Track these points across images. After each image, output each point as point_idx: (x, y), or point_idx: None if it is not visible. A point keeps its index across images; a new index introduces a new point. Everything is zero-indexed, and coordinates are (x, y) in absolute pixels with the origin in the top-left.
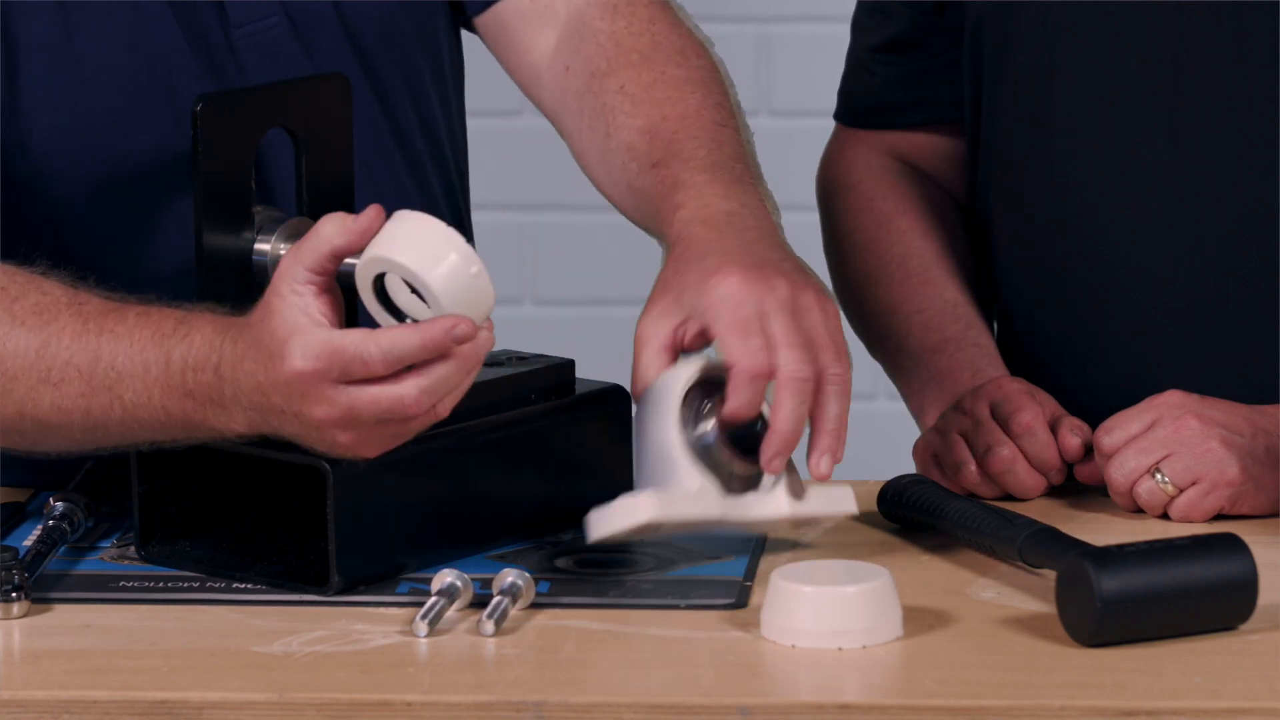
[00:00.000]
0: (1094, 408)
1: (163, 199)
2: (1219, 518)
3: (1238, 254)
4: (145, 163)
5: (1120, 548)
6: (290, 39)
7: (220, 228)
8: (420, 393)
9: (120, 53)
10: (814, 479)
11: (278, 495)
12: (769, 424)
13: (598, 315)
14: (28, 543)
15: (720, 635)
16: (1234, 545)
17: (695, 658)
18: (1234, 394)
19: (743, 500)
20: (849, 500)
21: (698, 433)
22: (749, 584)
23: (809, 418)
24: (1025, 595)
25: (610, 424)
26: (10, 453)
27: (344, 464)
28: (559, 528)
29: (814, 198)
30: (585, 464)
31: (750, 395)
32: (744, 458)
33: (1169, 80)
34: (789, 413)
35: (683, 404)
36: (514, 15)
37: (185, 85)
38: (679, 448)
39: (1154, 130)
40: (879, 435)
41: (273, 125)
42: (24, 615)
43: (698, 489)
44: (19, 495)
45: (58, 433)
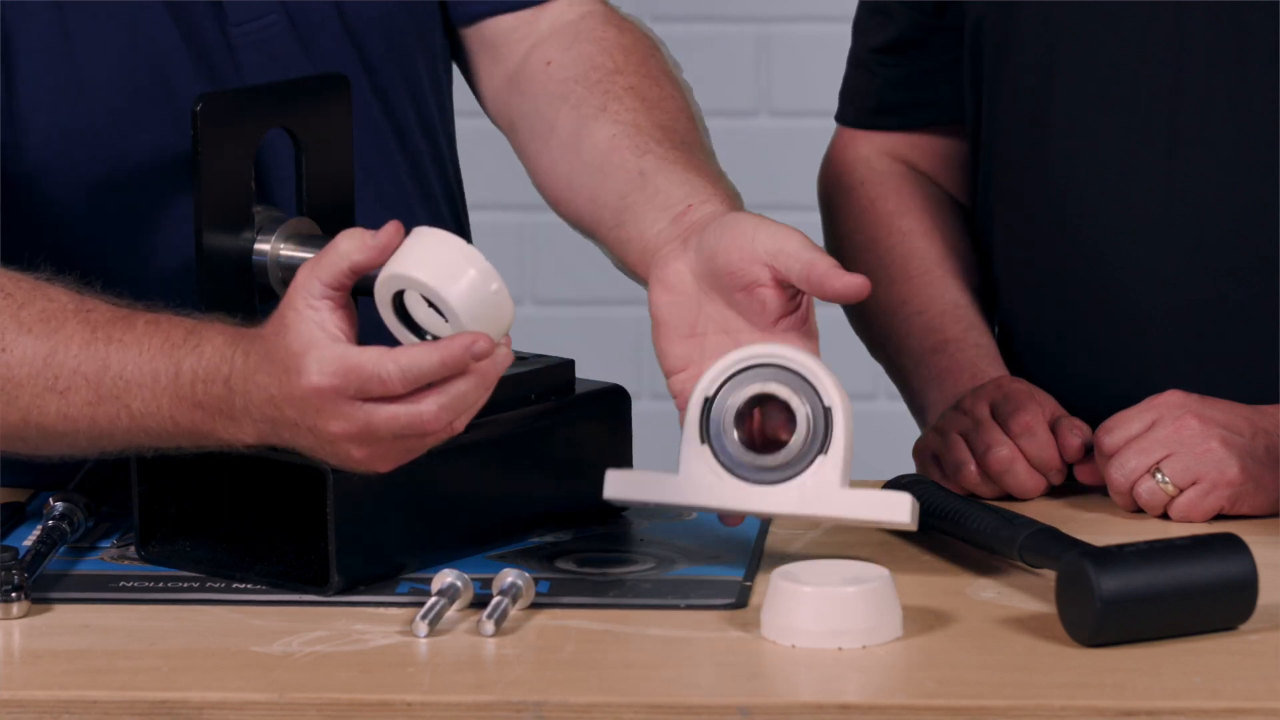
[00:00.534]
0: (1094, 408)
1: (162, 199)
2: (1219, 518)
3: (1238, 254)
4: (144, 163)
5: (1120, 548)
6: (289, 38)
7: (220, 228)
8: (439, 409)
9: (117, 53)
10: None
11: (278, 495)
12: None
13: (598, 315)
14: (28, 543)
15: (720, 635)
16: (1234, 545)
17: (695, 658)
18: (1234, 394)
19: (777, 493)
20: (904, 509)
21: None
22: (749, 584)
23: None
24: (1025, 595)
25: (610, 424)
26: (10, 456)
27: None
28: (559, 528)
29: (814, 198)
30: (585, 464)
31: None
32: (773, 447)
33: (1169, 80)
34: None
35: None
36: (494, 31)
37: (183, 85)
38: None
39: (1154, 130)
40: (879, 435)
41: (273, 125)
42: (24, 615)
43: (719, 478)
44: (19, 495)
45: (62, 440)
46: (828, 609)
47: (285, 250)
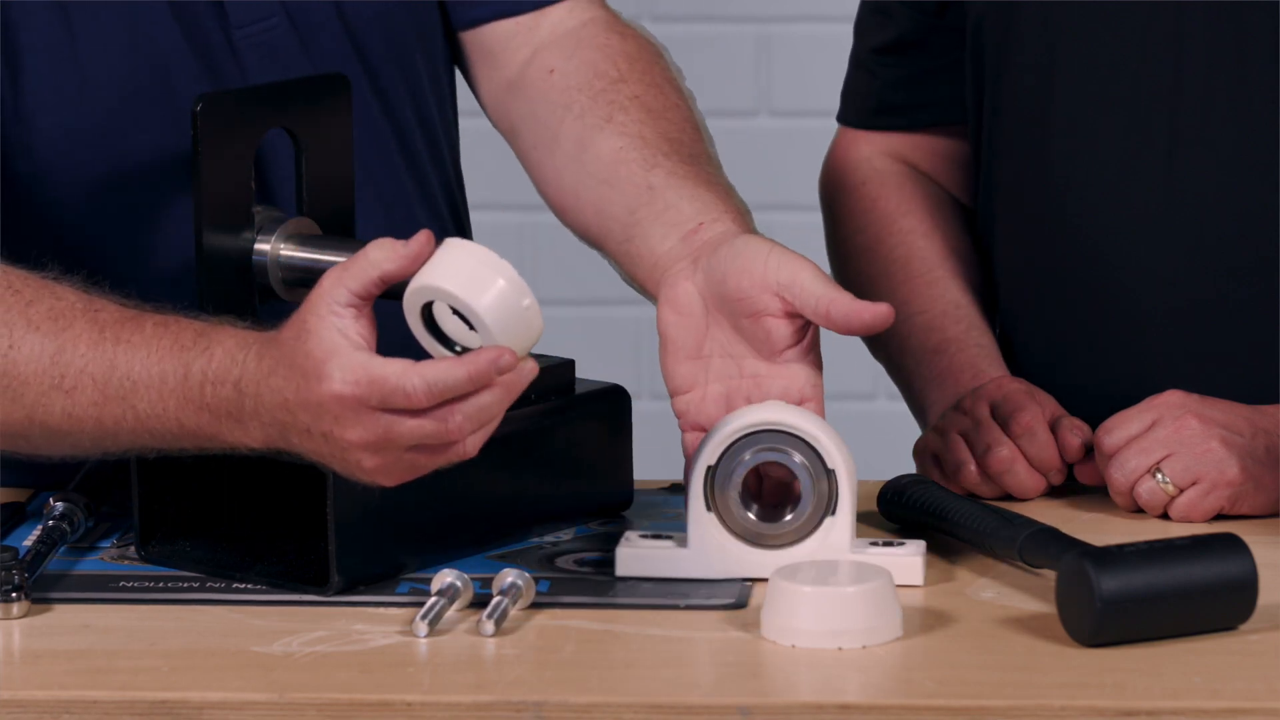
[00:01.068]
0: (1094, 408)
1: (163, 199)
2: (1219, 518)
3: (1238, 254)
4: (145, 163)
5: (1120, 548)
6: (291, 39)
7: (220, 228)
8: (463, 419)
9: (120, 54)
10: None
11: (278, 495)
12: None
13: (598, 315)
14: (28, 543)
15: (720, 635)
16: (1234, 545)
17: (695, 658)
18: (1234, 394)
19: (787, 557)
20: (915, 570)
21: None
22: (749, 584)
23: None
24: (1025, 595)
25: (610, 424)
26: (10, 455)
27: None
28: (559, 528)
29: (814, 198)
30: (585, 464)
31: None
32: (779, 507)
33: (1169, 80)
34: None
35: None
36: (493, 36)
37: (185, 86)
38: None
39: (1154, 130)
40: (879, 435)
41: (273, 125)
42: (24, 615)
43: (729, 546)
44: (19, 495)
45: (66, 439)
46: (828, 609)
47: (285, 250)
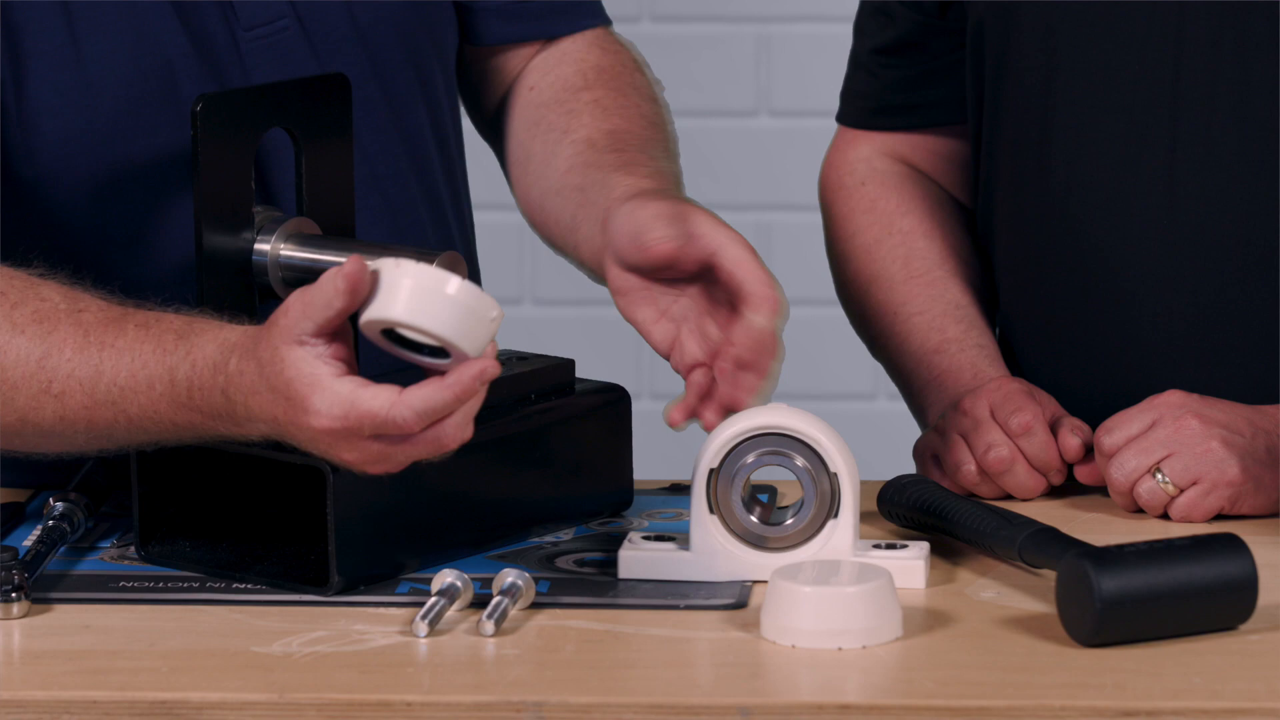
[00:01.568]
0: (1094, 408)
1: (165, 201)
2: (1219, 518)
3: (1238, 254)
4: (149, 165)
5: (1120, 548)
6: (301, 41)
7: (220, 228)
8: (456, 427)
9: (126, 56)
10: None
11: (278, 495)
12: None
13: (598, 315)
14: (28, 543)
15: (720, 635)
16: (1234, 545)
17: (695, 658)
18: (1234, 394)
19: (790, 559)
20: (918, 573)
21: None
22: (749, 584)
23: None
24: (1025, 595)
25: (610, 424)
26: (10, 453)
27: None
28: (559, 528)
29: (814, 198)
30: (585, 464)
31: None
32: (782, 511)
33: (1169, 81)
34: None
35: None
36: (500, 56)
37: (189, 88)
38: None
39: (1155, 131)
40: (879, 435)
41: (273, 125)
42: (24, 615)
43: (732, 549)
44: (19, 495)
45: (60, 439)
46: (828, 609)
47: (285, 250)
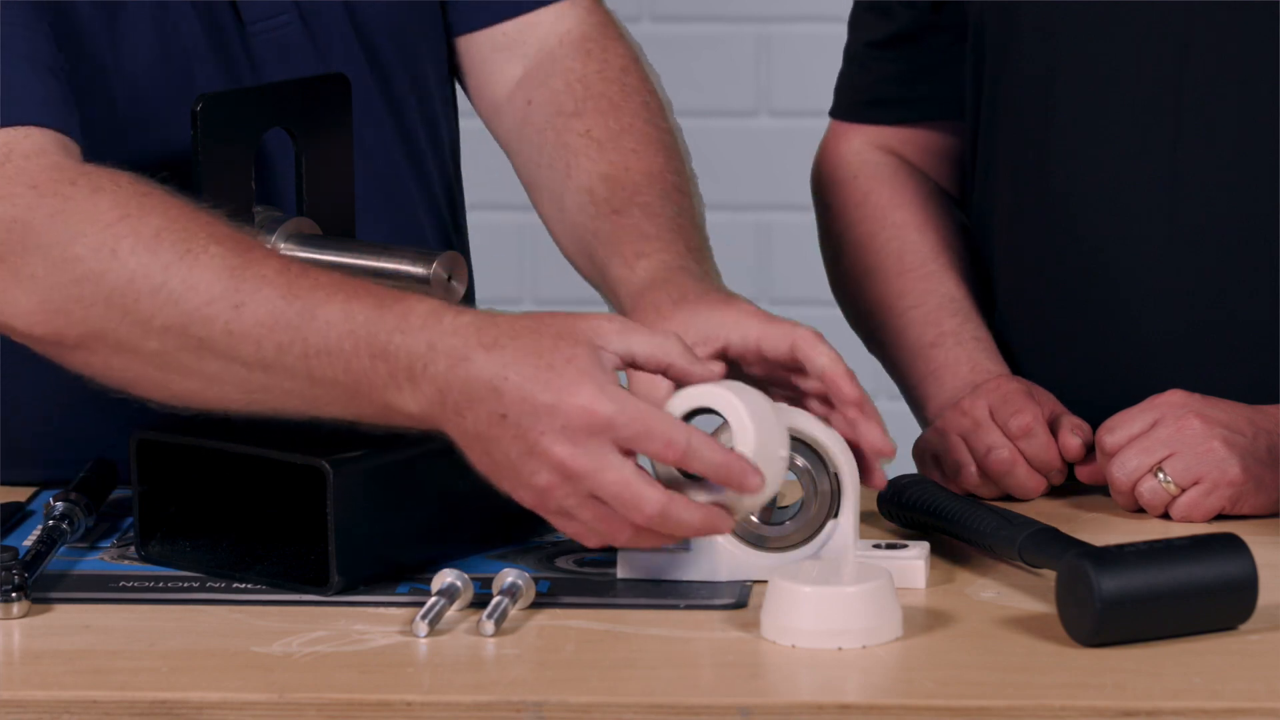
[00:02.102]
0: (1093, 408)
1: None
2: (1219, 518)
3: (1239, 255)
4: (161, 159)
5: (1120, 548)
6: (303, 38)
7: None
8: (660, 511)
9: (149, 51)
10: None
11: (278, 495)
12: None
13: None
14: (28, 543)
15: (720, 635)
16: (1234, 545)
17: (695, 658)
18: (1234, 394)
19: (791, 559)
20: (919, 574)
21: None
22: (749, 584)
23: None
24: (1025, 595)
25: None
26: (15, 446)
27: (344, 464)
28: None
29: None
30: None
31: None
32: (782, 511)
33: (1171, 81)
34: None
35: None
36: (485, 45)
37: (204, 83)
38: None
39: (1156, 131)
40: None
41: (273, 125)
42: (24, 615)
43: (733, 549)
44: (19, 495)
45: (208, 363)
46: (828, 609)
47: (285, 250)
